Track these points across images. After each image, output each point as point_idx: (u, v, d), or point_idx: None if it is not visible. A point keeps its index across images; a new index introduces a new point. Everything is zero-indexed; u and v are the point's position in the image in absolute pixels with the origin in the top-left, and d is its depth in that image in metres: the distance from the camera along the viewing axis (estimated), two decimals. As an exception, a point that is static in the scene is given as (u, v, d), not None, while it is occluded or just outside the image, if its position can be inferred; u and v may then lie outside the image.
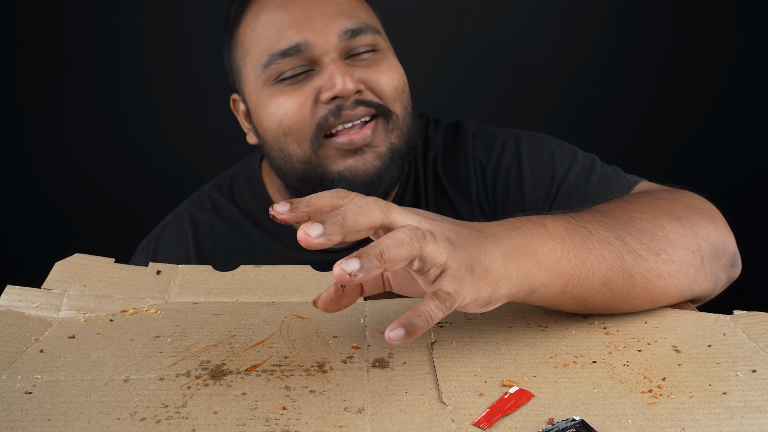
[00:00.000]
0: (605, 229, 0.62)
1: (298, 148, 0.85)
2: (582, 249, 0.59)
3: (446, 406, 0.51)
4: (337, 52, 0.83)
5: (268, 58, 0.84)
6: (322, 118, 0.83)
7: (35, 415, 0.51)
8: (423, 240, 0.49)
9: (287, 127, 0.84)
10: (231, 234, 0.96)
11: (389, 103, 0.86)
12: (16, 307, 0.67)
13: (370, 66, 0.85)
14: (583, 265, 0.59)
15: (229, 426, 0.50)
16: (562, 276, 0.58)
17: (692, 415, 0.49)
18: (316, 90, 0.83)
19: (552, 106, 2.01)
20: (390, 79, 0.86)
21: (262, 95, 0.86)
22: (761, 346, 0.58)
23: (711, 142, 2.03)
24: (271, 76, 0.84)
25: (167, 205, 1.07)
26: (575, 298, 0.60)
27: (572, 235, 0.59)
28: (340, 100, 0.82)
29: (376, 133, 0.85)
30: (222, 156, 1.48)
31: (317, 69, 0.84)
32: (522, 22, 1.98)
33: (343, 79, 0.81)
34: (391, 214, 0.51)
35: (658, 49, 1.99)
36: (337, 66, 0.82)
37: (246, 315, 0.67)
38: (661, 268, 0.63)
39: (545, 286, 0.57)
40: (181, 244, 0.96)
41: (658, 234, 0.64)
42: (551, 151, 0.93)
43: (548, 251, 0.57)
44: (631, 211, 0.66)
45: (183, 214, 0.99)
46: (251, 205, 0.98)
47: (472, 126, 0.98)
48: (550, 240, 0.58)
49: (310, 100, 0.83)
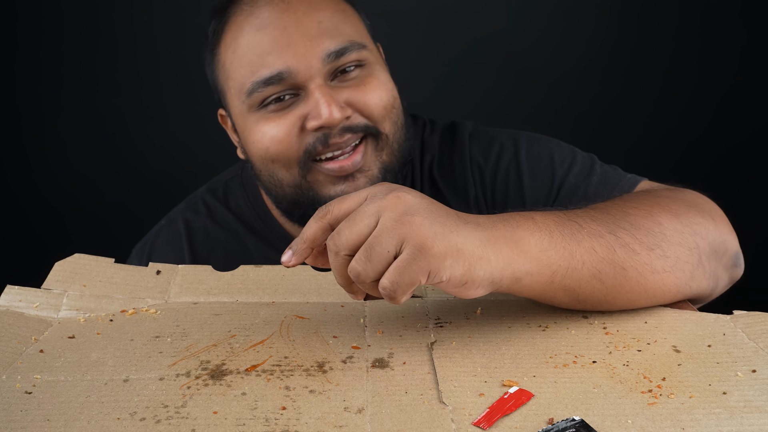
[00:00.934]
0: (597, 223, 0.62)
1: (287, 173, 0.84)
2: (571, 241, 0.60)
3: (446, 406, 0.51)
4: (321, 76, 0.81)
5: (251, 86, 0.81)
6: (309, 145, 0.82)
7: (35, 415, 0.51)
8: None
9: (274, 154, 0.83)
10: (225, 239, 0.96)
11: (378, 123, 0.84)
12: (16, 307, 0.67)
13: (357, 86, 0.83)
14: (572, 257, 0.59)
15: (229, 426, 0.50)
16: (549, 266, 0.58)
17: (692, 415, 0.49)
18: (302, 117, 0.81)
19: (555, 107, 2.01)
20: (378, 98, 0.84)
21: (247, 120, 0.85)
22: (761, 346, 0.58)
23: (715, 141, 2.03)
24: (254, 102, 0.82)
25: (165, 206, 1.07)
26: (565, 289, 0.61)
27: (561, 228, 0.60)
28: (327, 129, 0.81)
29: (366, 156, 0.84)
30: (219, 158, 1.47)
31: (302, 94, 0.82)
32: (524, 22, 1.98)
33: (329, 109, 0.79)
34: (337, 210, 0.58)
35: (660, 49, 1.99)
36: (323, 94, 0.80)
37: (246, 315, 0.67)
38: (654, 263, 0.63)
39: (531, 275, 0.58)
40: (175, 249, 0.95)
41: (654, 230, 0.64)
42: (550, 151, 0.93)
43: (534, 242, 0.58)
44: (626, 207, 0.67)
45: (178, 218, 0.98)
46: (246, 210, 0.97)
47: (469, 127, 0.97)
48: (537, 231, 0.59)
49: (296, 127, 0.82)
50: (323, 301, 0.70)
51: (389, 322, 0.65)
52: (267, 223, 0.95)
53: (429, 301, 0.69)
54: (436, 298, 0.69)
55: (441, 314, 0.66)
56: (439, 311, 0.66)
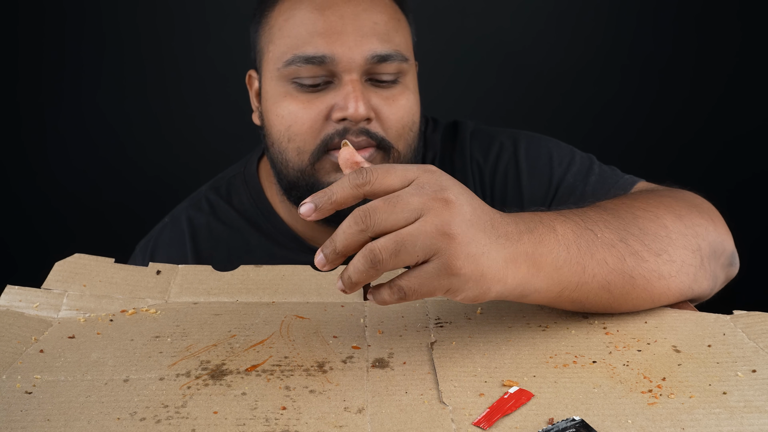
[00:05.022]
0: (610, 230, 0.62)
1: (296, 157, 0.85)
2: (586, 255, 0.59)
3: (446, 406, 0.51)
4: (359, 72, 0.82)
5: (292, 57, 0.82)
6: (328, 136, 0.83)
7: (35, 415, 0.51)
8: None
9: (294, 134, 0.84)
10: (229, 237, 0.96)
11: (393, 140, 0.85)
12: (16, 307, 0.67)
13: (387, 97, 0.84)
14: (584, 272, 0.59)
15: (229, 426, 0.50)
16: (559, 283, 0.58)
17: (692, 415, 0.49)
18: (330, 107, 0.82)
19: (552, 106, 2.01)
20: (401, 116, 0.85)
21: (277, 88, 0.85)
22: (761, 346, 0.58)
23: (711, 141, 2.03)
24: (290, 75, 0.83)
25: (167, 204, 1.07)
26: (572, 302, 0.61)
27: (578, 240, 0.59)
28: (349, 123, 0.82)
29: (374, 161, 0.84)
30: (222, 155, 1.48)
31: (335, 82, 0.83)
32: (522, 22, 1.98)
33: (356, 104, 0.80)
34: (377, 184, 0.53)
35: (657, 49, 1.99)
36: (354, 88, 0.81)
37: (246, 315, 0.67)
38: (662, 269, 0.63)
39: (539, 292, 0.58)
40: (178, 247, 0.96)
41: (660, 234, 0.64)
42: (549, 151, 0.93)
43: (551, 260, 0.57)
44: (635, 208, 0.67)
45: (181, 216, 0.98)
46: (249, 207, 0.97)
47: (470, 126, 0.98)
48: (556, 247, 0.58)
49: (322, 115, 0.83)
50: (323, 301, 0.70)
51: (389, 322, 0.65)
52: (270, 220, 0.96)
53: (429, 301, 0.69)
54: (436, 298, 0.69)
55: (441, 314, 0.66)
56: (439, 311, 0.67)
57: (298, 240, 0.94)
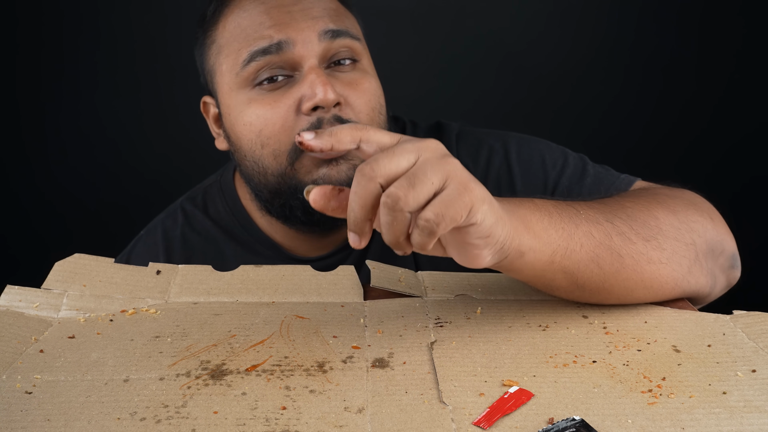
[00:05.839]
0: (594, 211, 0.63)
1: (273, 161, 0.83)
2: (569, 223, 0.61)
3: (446, 406, 0.51)
4: (317, 57, 0.81)
5: (248, 55, 0.81)
6: (303, 130, 0.82)
7: (35, 415, 0.51)
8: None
9: (266, 138, 0.82)
10: (203, 247, 0.95)
11: (366, 124, 0.84)
12: (16, 307, 0.67)
13: (350, 83, 0.83)
14: (570, 238, 0.60)
15: (229, 426, 0.50)
16: (549, 245, 0.59)
17: (692, 415, 0.49)
18: (297, 100, 0.81)
19: (554, 107, 2.01)
20: (368, 100, 0.84)
21: (238, 99, 0.84)
22: (761, 346, 0.58)
23: (715, 141, 2.03)
24: (249, 76, 0.82)
25: (164, 206, 1.07)
26: (564, 271, 0.61)
27: (559, 211, 0.61)
28: (321, 112, 0.80)
29: None
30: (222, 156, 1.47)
31: (297, 76, 0.82)
32: (523, 21, 1.98)
33: (324, 88, 0.79)
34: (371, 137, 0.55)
35: (660, 48, 1.99)
36: (318, 74, 0.80)
37: (246, 315, 0.67)
38: (650, 254, 0.64)
39: (533, 251, 0.58)
40: (152, 258, 0.94)
41: (650, 223, 0.65)
42: (541, 154, 0.91)
43: (536, 220, 0.59)
44: (624, 201, 0.68)
45: (156, 227, 0.98)
46: (225, 216, 0.96)
47: (455, 128, 0.95)
48: (537, 211, 0.60)
49: (291, 111, 0.81)
50: (323, 301, 0.70)
51: (389, 322, 0.65)
52: (247, 228, 0.94)
53: (429, 301, 0.69)
54: (436, 298, 0.70)
55: (441, 314, 0.66)
56: (439, 311, 0.67)
57: (277, 248, 0.92)
